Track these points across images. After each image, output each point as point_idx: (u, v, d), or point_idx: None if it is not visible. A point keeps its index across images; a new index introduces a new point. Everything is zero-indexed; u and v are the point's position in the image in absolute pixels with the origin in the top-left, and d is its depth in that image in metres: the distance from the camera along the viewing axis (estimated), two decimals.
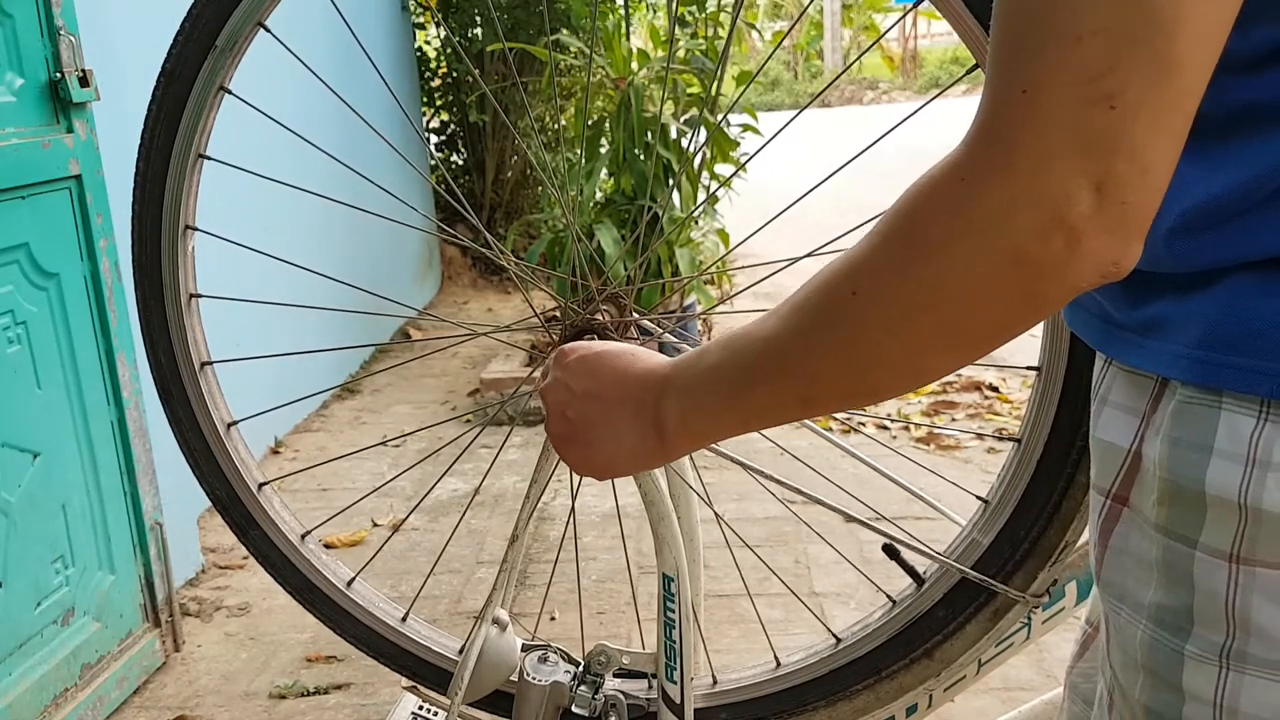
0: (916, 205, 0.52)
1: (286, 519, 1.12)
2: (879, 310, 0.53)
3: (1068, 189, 0.46)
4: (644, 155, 3.62)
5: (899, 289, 0.52)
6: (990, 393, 3.56)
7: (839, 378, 0.57)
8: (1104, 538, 0.60)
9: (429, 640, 1.11)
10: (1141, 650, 0.57)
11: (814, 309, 0.57)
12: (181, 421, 1.08)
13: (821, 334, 0.56)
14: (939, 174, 0.51)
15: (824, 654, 1.04)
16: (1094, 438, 0.61)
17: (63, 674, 1.83)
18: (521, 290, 1.10)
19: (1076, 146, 0.45)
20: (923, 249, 0.51)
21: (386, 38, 4.82)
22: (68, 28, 1.85)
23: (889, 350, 0.54)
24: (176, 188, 1.01)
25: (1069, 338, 0.87)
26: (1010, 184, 0.47)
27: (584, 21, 4.40)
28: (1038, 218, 0.46)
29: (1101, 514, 0.60)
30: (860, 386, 0.57)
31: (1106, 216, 0.46)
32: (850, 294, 0.54)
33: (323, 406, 3.73)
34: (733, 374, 0.62)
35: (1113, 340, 0.59)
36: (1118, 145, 0.45)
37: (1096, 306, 0.60)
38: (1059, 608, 1.08)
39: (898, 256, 0.52)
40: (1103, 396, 0.61)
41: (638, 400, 0.68)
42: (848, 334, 0.55)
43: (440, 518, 2.77)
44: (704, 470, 2.81)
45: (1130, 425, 0.58)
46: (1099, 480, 0.60)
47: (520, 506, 0.98)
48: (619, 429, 0.69)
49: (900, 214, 0.52)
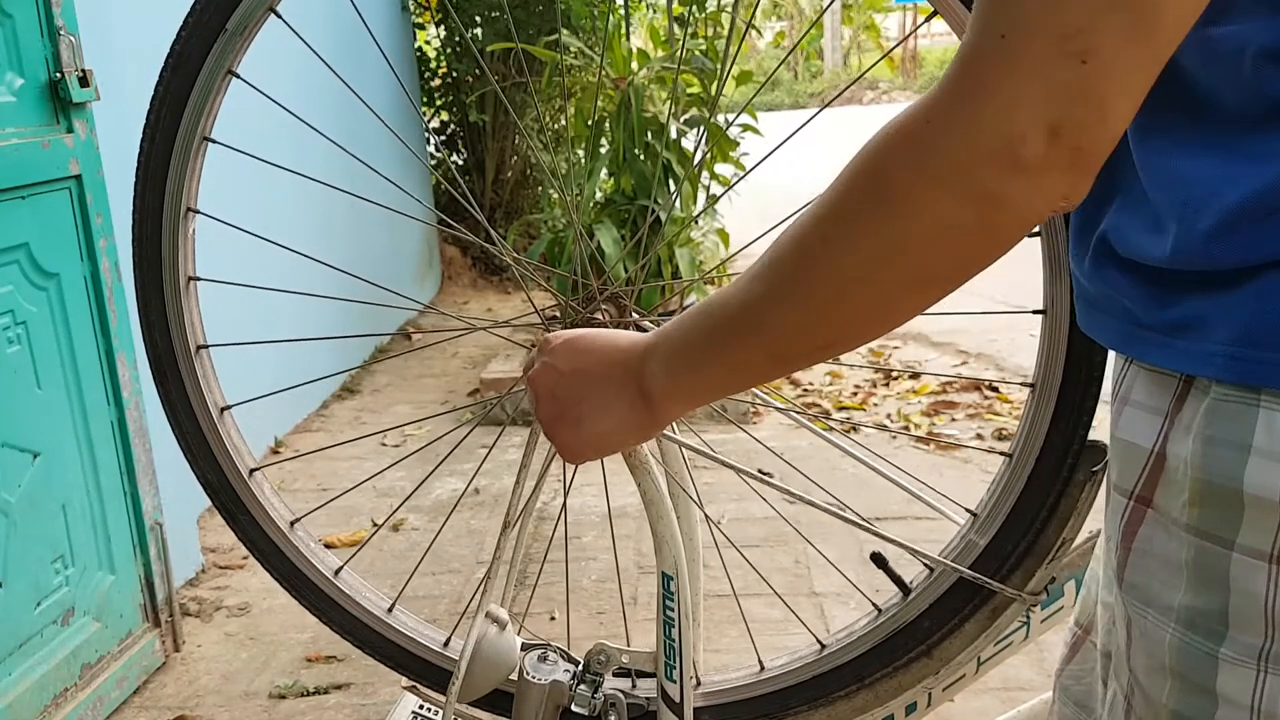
0: (881, 149, 0.53)
1: (276, 505, 1.11)
2: (847, 256, 0.55)
3: (1025, 130, 0.48)
4: (644, 155, 3.62)
5: (865, 233, 0.54)
6: (990, 393, 3.56)
7: (811, 328, 0.59)
8: (1127, 540, 0.59)
9: (414, 632, 1.11)
10: (1171, 654, 0.56)
11: (784, 263, 0.59)
12: (175, 404, 1.08)
13: (792, 286, 0.58)
14: (903, 119, 0.53)
15: (808, 659, 1.04)
16: (1114, 437, 0.60)
17: (63, 674, 1.83)
18: (523, 287, 1.10)
19: (1042, 94, 0.47)
20: (887, 191, 0.53)
21: (386, 38, 4.83)
22: (68, 28, 1.86)
23: (860, 295, 0.56)
24: (180, 169, 1.02)
25: (1064, 355, 0.86)
26: (972, 124, 0.49)
27: (584, 21, 4.40)
28: (994, 156, 0.49)
29: (1124, 516, 0.59)
30: (833, 336, 0.59)
31: (1059, 159, 0.48)
32: (820, 242, 0.56)
33: (323, 406, 3.73)
34: (709, 334, 0.64)
35: (1136, 340, 0.58)
36: (1083, 98, 0.47)
37: (1118, 309, 0.59)
38: (1058, 606, 1.09)
39: (864, 201, 0.54)
40: (1123, 396, 0.60)
41: (623, 368, 0.70)
42: (818, 284, 0.57)
43: (439, 517, 2.77)
44: (703, 471, 2.81)
45: (1153, 425, 0.57)
46: (1120, 481, 0.60)
47: (511, 494, 0.98)
48: (607, 399, 0.71)
49: (865, 159, 0.54)
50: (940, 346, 4.26)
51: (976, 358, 4.07)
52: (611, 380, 0.71)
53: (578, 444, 0.74)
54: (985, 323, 4.29)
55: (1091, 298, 0.62)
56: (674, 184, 3.68)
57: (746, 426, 3.29)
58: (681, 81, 3.81)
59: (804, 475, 1.31)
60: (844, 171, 0.55)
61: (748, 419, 3.38)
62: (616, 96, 3.64)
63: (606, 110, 3.71)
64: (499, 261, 5.55)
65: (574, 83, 4.12)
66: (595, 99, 3.94)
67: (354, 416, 3.65)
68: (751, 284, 0.61)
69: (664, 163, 3.62)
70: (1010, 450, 0.92)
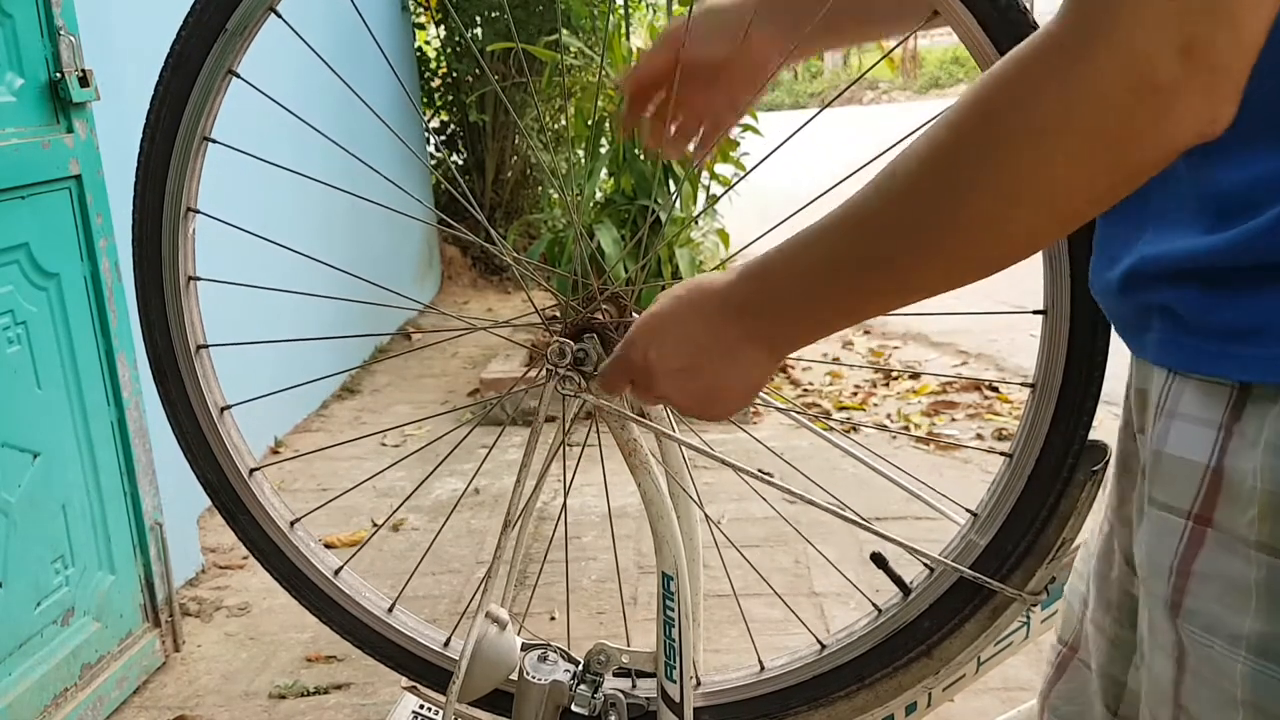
0: (1014, 76, 0.51)
1: (276, 505, 1.11)
2: (985, 192, 0.53)
3: (1158, 52, 0.46)
4: (644, 155, 3.62)
5: (1002, 164, 0.52)
6: (990, 393, 3.56)
7: (937, 267, 0.57)
8: (1185, 564, 0.55)
9: (414, 632, 1.11)
10: (1242, 685, 0.53)
11: (907, 201, 0.56)
12: (175, 404, 1.08)
13: (918, 228, 0.56)
14: (1034, 45, 0.51)
15: (808, 659, 1.03)
16: (1160, 454, 0.58)
17: (63, 674, 1.83)
18: (523, 287, 1.10)
19: (1171, 11, 0.46)
20: (1024, 119, 0.51)
21: (387, 38, 4.83)
22: (68, 28, 1.86)
23: (992, 230, 0.54)
24: (180, 169, 1.01)
25: (1065, 355, 0.86)
26: (1106, 49, 0.48)
27: (584, 21, 4.40)
28: (1131, 81, 0.47)
29: (1182, 539, 0.56)
30: (961, 272, 0.57)
31: (1197, 80, 0.47)
32: (950, 180, 0.54)
33: (322, 407, 3.73)
34: (819, 285, 0.63)
35: (1182, 351, 0.56)
36: (1213, 9, 0.46)
37: (1159, 322, 0.58)
38: (1058, 606, 1.08)
39: (999, 130, 0.52)
40: (1169, 411, 0.57)
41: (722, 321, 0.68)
42: (947, 221, 0.55)
43: (439, 517, 2.77)
44: (703, 471, 2.81)
45: (1206, 438, 0.54)
46: (1173, 500, 0.56)
47: (511, 493, 0.97)
48: (727, 348, 0.69)
49: (995, 87, 0.52)
50: (940, 346, 4.26)
51: (976, 358, 4.07)
52: (720, 337, 0.69)
53: (713, 402, 0.72)
54: (985, 323, 4.29)
55: (1125, 317, 0.61)
56: (674, 184, 3.68)
57: (746, 426, 3.29)
58: None
59: (804, 475, 1.31)
60: (962, 106, 0.53)
61: (748, 419, 3.38)
62: (616, 96, 3.64)
63: (606, 110, 3.71)
64: (499, 261, 5.55)
65: (574, 83, 4.12)
66: (595, 99, 3.94)
67: (354, 416, 3.65)
68: (854, 237, 0.59)
69: (664, 163, 3.62)
70: (1010, 450, 0.92)
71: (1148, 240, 0.58)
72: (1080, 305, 0.81)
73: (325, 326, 3.51)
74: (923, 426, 3.31)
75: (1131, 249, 0.59)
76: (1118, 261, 0.60)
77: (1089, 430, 0.88)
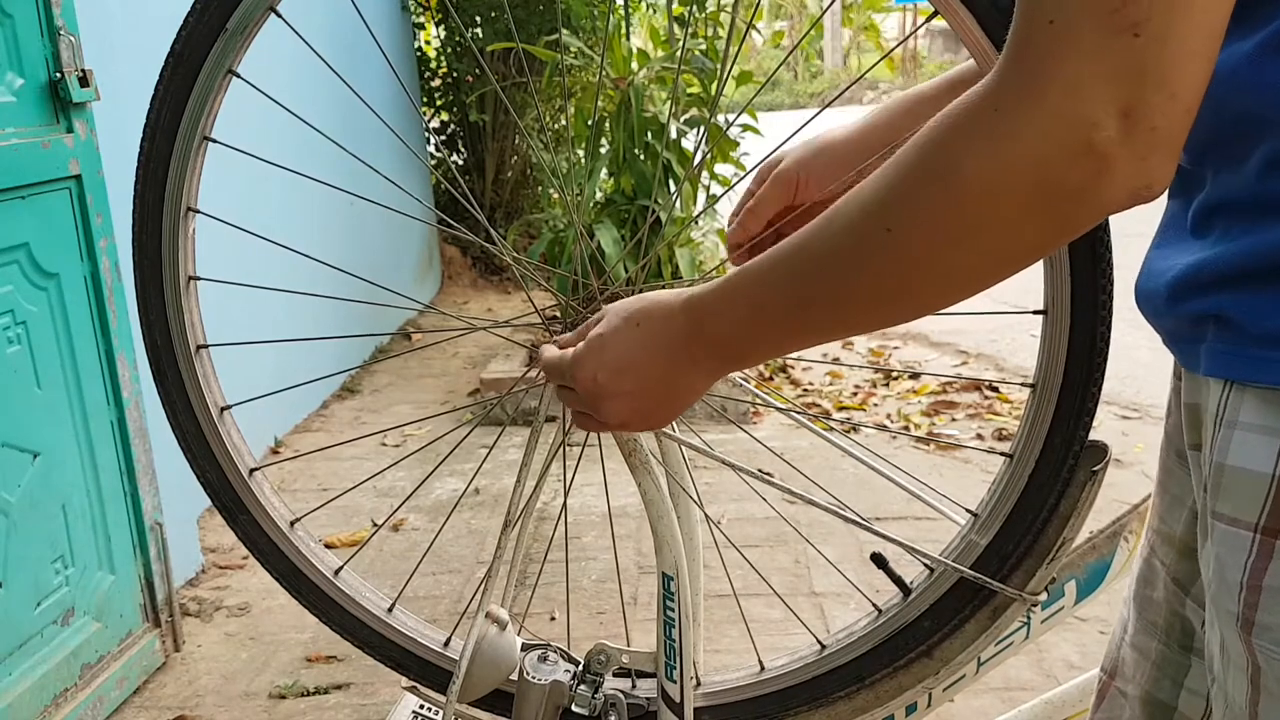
0: (948, 137, 0.52)
1: (276, 505, 1.11)
2: (917, 244, 0.54)
3: (1095, 116, 0.46)
4: (644, 155, 3.62)
5: (935, 222, 0.52)
6: (990, 393, 3.56)
7: (873, 310, 0.59)
8: (1255, 578, 0.54)
9: (414, 632, 1.11)
10: None
11: (843, 249, 0.57)
12: (175, 404, 1.08)
13: (854, 274, 0.57)
14: (968, 106, 0.51)
15: (808, 659, 1.03)
16: (1225, 466, 0.57)
17: (63, 674, 1.83)
18: (523, 287, 1.10)
19: (1103, 74, 0.46)
20: (957, 180, 0.51)
21: (387, 38, 4.82)
22: (68, 28, 1.86)
23: (926, 280, 0.55)
24: (180, 169, 1.01)
25: (1065, 356, 0.86)
26: (1041, 112, 0.48)
27: (584, 21, 4.40)
28: (1068, 144, 0.47)
29: (1251, 552, 0.55)
30: (894, 312, 0.59)
31: (1135, 142, 0.47)
32: (884, 231, 0.54)
33: (323, 407, 3.73)
34: (759, 316, 0.63)
35: (1241, 360, 0.55)
36: (1144, 72, 0.46)
37: (1214, 332, 0.57)
38: (1058, 607, 1.08)
39: (933, 189, 0.52)
40: (1229, 421, 0.56)
41: (670, 336, 0.69)
42: (883, 270, 0.56)
43: (439, 517, 2.77)
44: (703, 471, 2.81)
45: (1270, 448, 0.53)
46: (1239, 513, 0.55)
47: (511, 493, 0.97)
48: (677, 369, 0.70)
49: (931, 146, 0.53)
50: (940, 346, 4.26)
51: (977, 358, 4.07)
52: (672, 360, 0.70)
53: (669, 416, 0.73)
54: (985, 323, 4.29)
55: (1174, 329, 0.60)
56: (674, 184, 3.68)
57: (746, 426, 3.29)
58: (681, 81, 3.81)
59: (804, 475, 1.31)
60: (902, 160, 0.54)
61: (748, 419, 3.38)
62: (616, 96, 3.64)
63: (606, 110, 3.71)
64: (499, 261, 5.55)
65: (574, 83, 4.12)
66: (595, 99, 3.95)
67: (354, 416, 3.65)
68: (795, 278, 0.60)
69: (664, 163, 3.62)
70: (1011, 450, 0.92)
71: (1194, 248, 0.57)
72: (1080, 305, 0.81)
73: (325, 326, 3.51)
74: (923, 426, 3.31)
75: (1178, 258, 0.58)
76: (1163, 272, 0.60)
77: (1089, 430, 0.88)
